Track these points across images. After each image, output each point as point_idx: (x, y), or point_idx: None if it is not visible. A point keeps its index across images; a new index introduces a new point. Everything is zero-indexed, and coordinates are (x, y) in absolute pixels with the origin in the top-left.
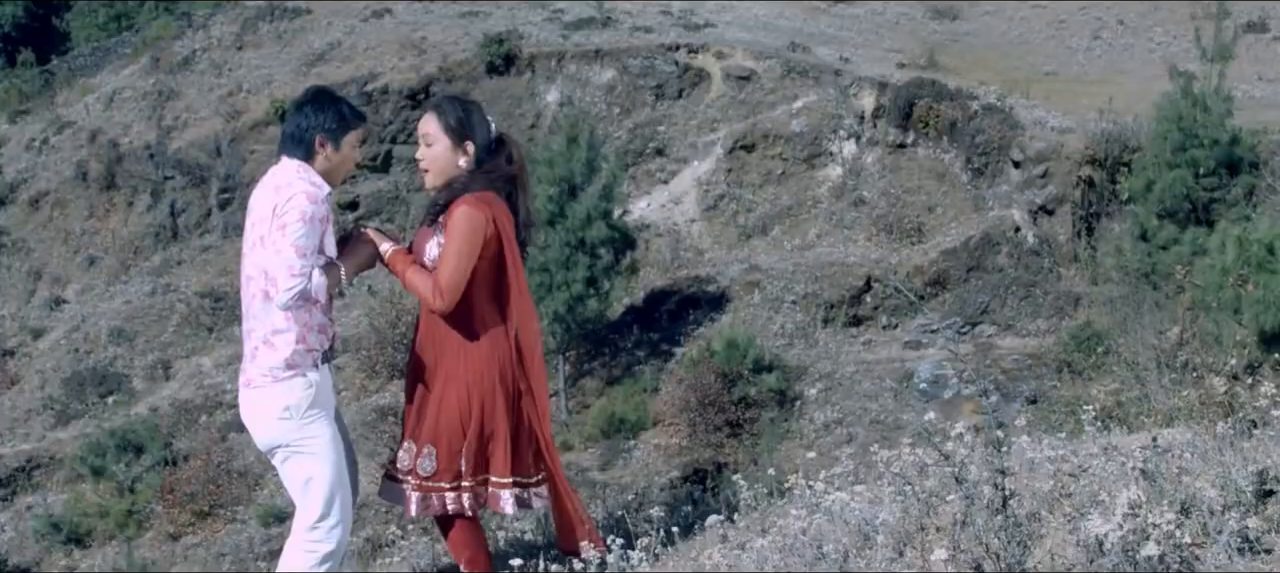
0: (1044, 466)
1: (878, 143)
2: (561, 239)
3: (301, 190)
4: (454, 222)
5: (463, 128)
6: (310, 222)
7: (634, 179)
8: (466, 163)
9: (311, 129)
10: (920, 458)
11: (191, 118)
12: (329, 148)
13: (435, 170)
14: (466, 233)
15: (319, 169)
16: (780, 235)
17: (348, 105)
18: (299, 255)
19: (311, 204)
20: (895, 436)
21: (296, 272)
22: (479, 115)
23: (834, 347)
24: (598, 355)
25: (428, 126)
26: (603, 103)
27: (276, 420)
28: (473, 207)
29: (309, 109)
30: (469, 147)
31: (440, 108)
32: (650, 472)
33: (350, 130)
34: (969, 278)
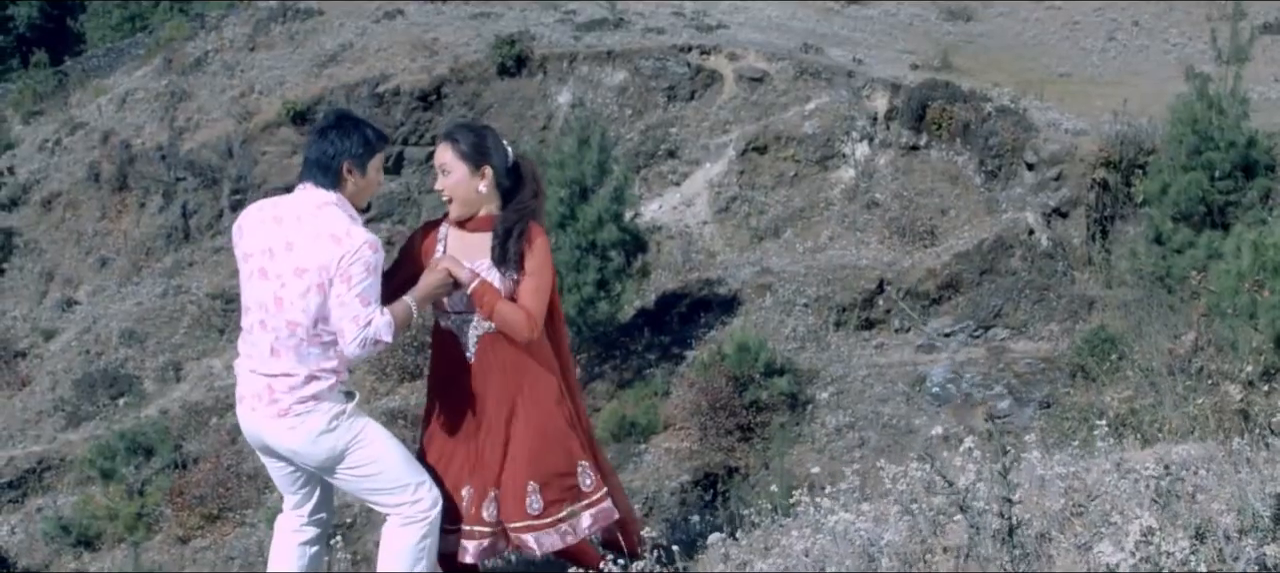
0: (1054, 484)
1: (891, 145)
2: (572, 242)
3: (364, 240)
4: (536, 251)
5: (477, 152)
6: (375, 271)
7: (646, 181)
8: (485, 187)
9: (339, 156)
10: (928, 473)
11: (203, 119)
12: (356, 174)
13: (458, 199)
14: (548, 259)
15: (346, 194)
16: (792, 238)
17: (372, 129)
18: (364, 305)
19: (375, 254)
20: (908, 440)
21: (362, 321)
22: (494, 139)
23: (846, 350)
24: (608, 358)
25: (443, 156)
26: (614, 104)
27: (329, 434)
28: (546, 235)
29: (334, 135)
30: (486, 171)
31: (453, 136)
32: (661, 476)
33: (375, 154)
34: (982, 281)
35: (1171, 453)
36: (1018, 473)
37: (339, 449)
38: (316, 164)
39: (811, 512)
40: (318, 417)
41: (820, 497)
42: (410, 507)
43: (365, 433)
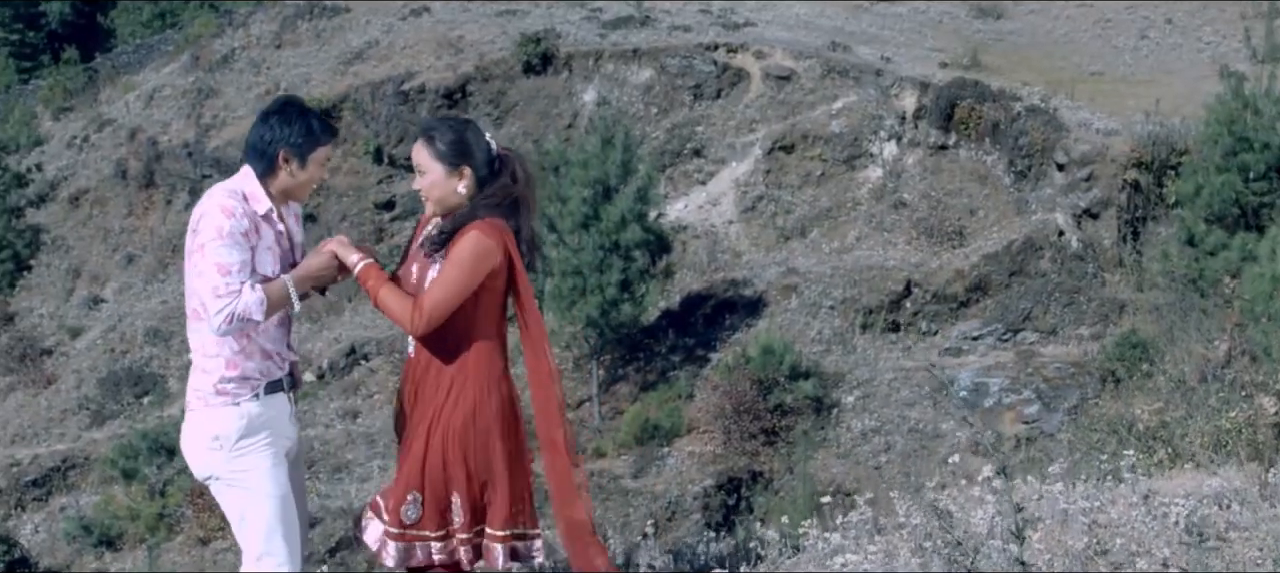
0: (1078, 518)
1: (919, 144)
2: (595, 242)
3: (217, 204)
4: (460, 245)
5: (456, 152)
6: (229, 237)
7: (671, 180)
8: (465, 188)
9: (276, 143)
10: (945, 502)
11: (229, 116)
12: (293, 164)
13: (434, 200)
14: (471, 259)
15: (280, 185)
16: (819, 238)
17: (318, 120)
18: (222, 274)
19: (228, 219)
20: (934, 445)
21: (222, 291)
22: (474, 134)
23: (872, 353)
24: (631, 360)
25: (418, 155)
26: (640, 103)
27: (206, 450)
28: (484, 232)
29: (275, 121)
30: (465, 171)
31: (430, 133)
32: (684, 480)
33: (318, 147)
34: (1011, 283)
35: (1203, 485)
36: (1038, 507)
37: (211, 474)
38: (252, 148)
39: (821, 545)
40: (200, 422)
41: (830, 531)
42: (254, 566)
43: (246, 479)
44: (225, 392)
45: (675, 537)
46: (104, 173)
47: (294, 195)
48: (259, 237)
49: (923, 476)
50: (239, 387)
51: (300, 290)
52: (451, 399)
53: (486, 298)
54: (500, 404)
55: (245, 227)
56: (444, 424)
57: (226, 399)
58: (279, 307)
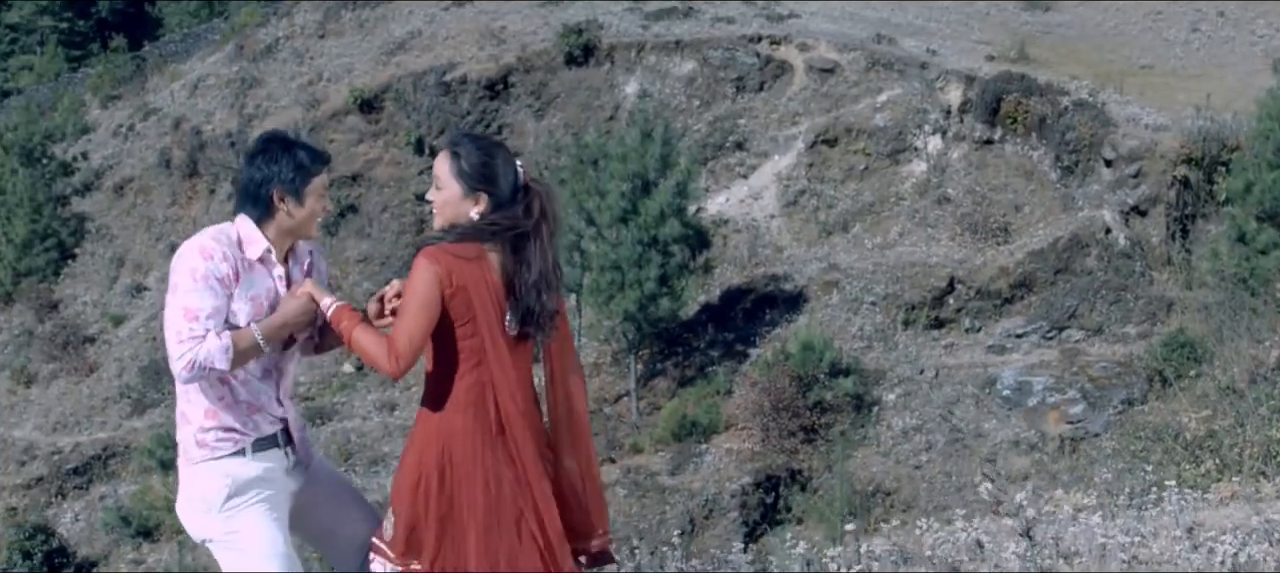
0: (1116, 554)
1: (964, 139)
2: (633, 236)
3: (195, 246)
4: (410, 276)
5: (479, 175)
6: (203, 280)
7: (712, 173)
8: (479, 214)
9: (267, 183)
10: (974, 532)
11: (272, 106)
12: (289, 202)
13: (443, 218)
14: (417, 287)
15: (282, 227)
16: (861, 233)
17: (306, 150)
18: (188, 318)
19: (205, 261)
20: (976, 445)
21: (185, 336)
22: (504, 160)
23: (914, 350)
24: (670, 355)
25: (440, 168)
26: (682, 95)
27: (196, 513)
28: (426, 257)
29: (261, 160)
30: (482, 197)
31: (457, 148)
32: (721, 477)
33: (311, 178)
34: (1056, 280)
35: (1251, 519)
36: (1075, 539)
37: (205, 537)
38: (244, 193)
39: None
40: (184, 479)
41: (855, 567)
42: None
43: (239, 540)
44: (205, 445)
45: (712, 535)
46: (148, 161)
47: (299, 233)
48: (239, 283)
49: (964, 476)
50: (220, 439)
51: (270, 338)
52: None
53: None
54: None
55: (223, 272)
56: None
57: (206, 453)
58: (247, 357)
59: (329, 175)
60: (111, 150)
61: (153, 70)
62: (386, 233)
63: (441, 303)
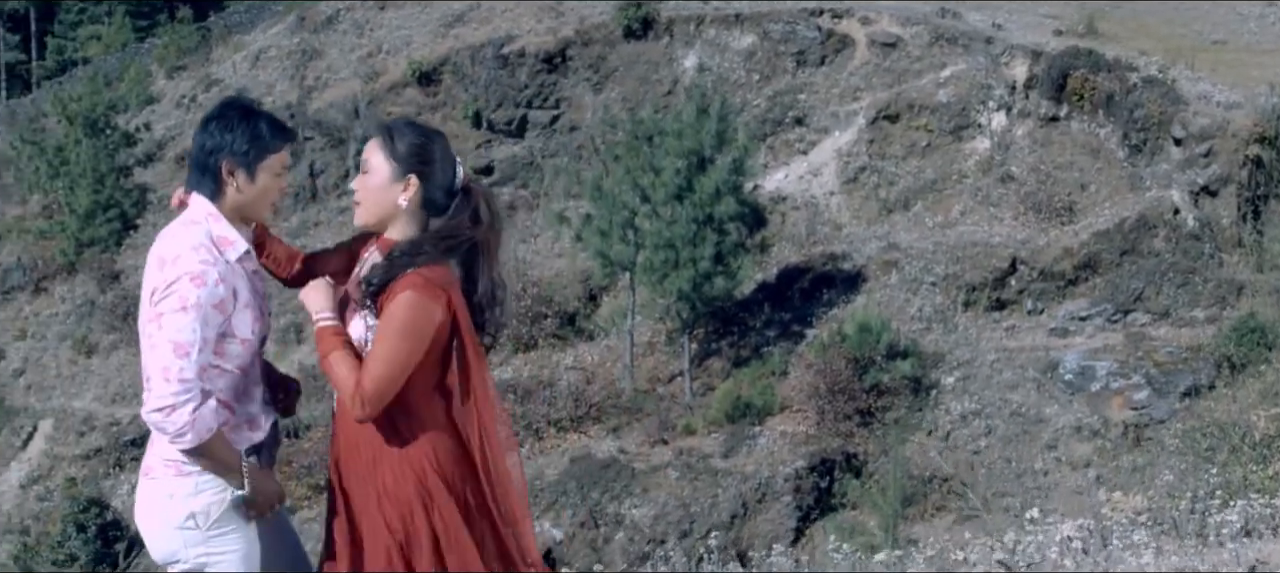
0: None
1: (1029, 115)
2: (688, 214)
3: (186, 272)
4: (393, 309)
5: (413, 157)
6: (196, 310)
7: (771, 149)
8: (407, 202)
9: (217, 153)
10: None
11: (332, 78)
12: (240, 176)
13: (367, 206)
14: (409, 327)
15: (229, 204)
16: (922, 211)
17: (267, 121)
18: (180, 355)
19: (197, 288)
20: (1037, 430)
21: (173, 376)
22: (441, 150)
23: (974, 333)
24: (725, 335)
25: (370, 152)
26: (741, 69)
27: (174, 529)
28: (423, 292)
29: (215, 127)
30: (412, 182)
31: (390, 132)
32: (775, 461)
33: (269, 153)
34: (1122, 262)
35: None
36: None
37: (178, 558)
38: (194, 163)
39: None
40: (164, 488)
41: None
42: None
43: (222, 561)
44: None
45: (765, 519)
46: None
47: (248, 214)
48: (237, 298)
49: (1024, 462)
50: (179, 441)
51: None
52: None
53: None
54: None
55: (221, 296)
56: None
57: (179, 467)
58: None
59: (290, 153)
60: (174, 121)
61: (217, 41)
62: None
63: (429, 343)
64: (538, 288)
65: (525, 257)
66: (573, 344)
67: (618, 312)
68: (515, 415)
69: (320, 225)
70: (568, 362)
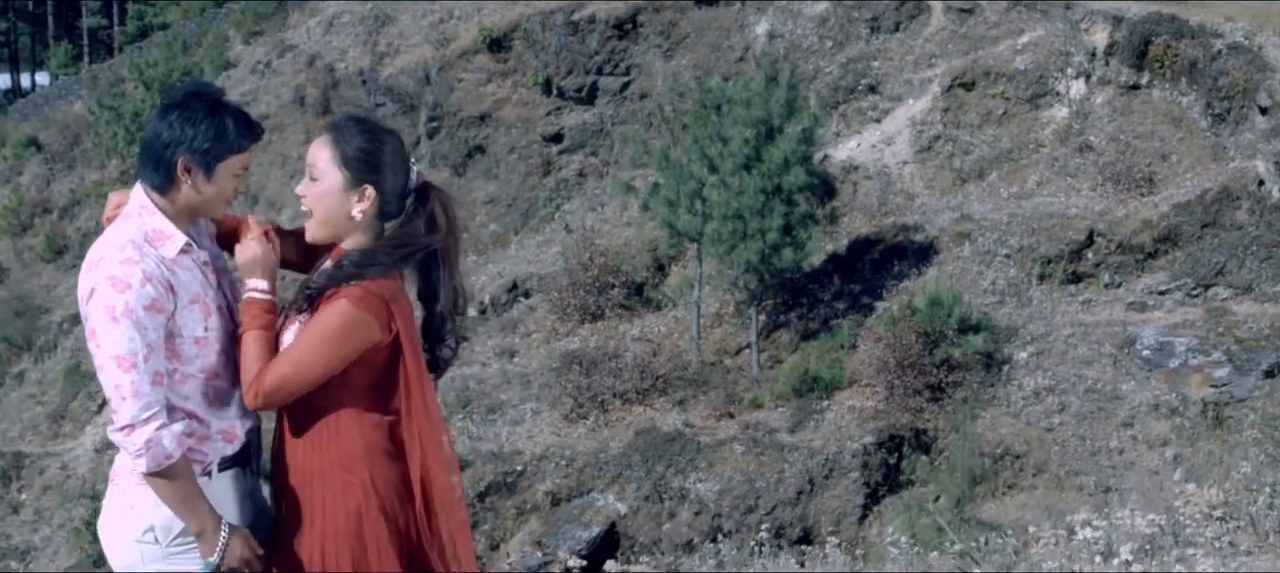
0: None
1: (1109, 83)
2: (756, 185)
3: (105, 276)
4: (322, 314)
5: (364, 164)
6: (125, 317)
7: (844, 117)
8: (361, 213)
9: (175, 146)
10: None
11: (403, 44)
12: (197, 175)
13: (319, 216)
14: (335, 334)
15: (183, 201)
16: (997, 181)
17: (234, 118)
18: (124, 368)
19: (120, 294)
20: (1112, 407)
21: (127, 392)
22: (393, 150)
23: (1049, 306)
24: (794, 307)
25: (316, 154)
26: (814, 36)
27: (133, 541)
28: (359, 304)
29: (175, 119)
30: (367, 191)
31: (339, 132)
32: (842, 436)
33: (232, 154)
34: (1203, 235)
35: None
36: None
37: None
38: (146, 151)
39: None
40: (125, 497)
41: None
42: None
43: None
44: None
45: (832, 496)
46: (283, 98)
47: (203, 213)
48: (177, 294)
49: (1099, 440)
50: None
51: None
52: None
53: (358, 375)
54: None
55: (150, 297)
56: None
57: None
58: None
59: (252, 154)
60: (249, 87)
61: (294, 6)
62: (513, 174)
63: (363, 353)
64: (605, 258)
65: (593, 225)
66: (640, 315)
67: (685, 282)
68: (580, 388)
69: None
70: (634, 333)
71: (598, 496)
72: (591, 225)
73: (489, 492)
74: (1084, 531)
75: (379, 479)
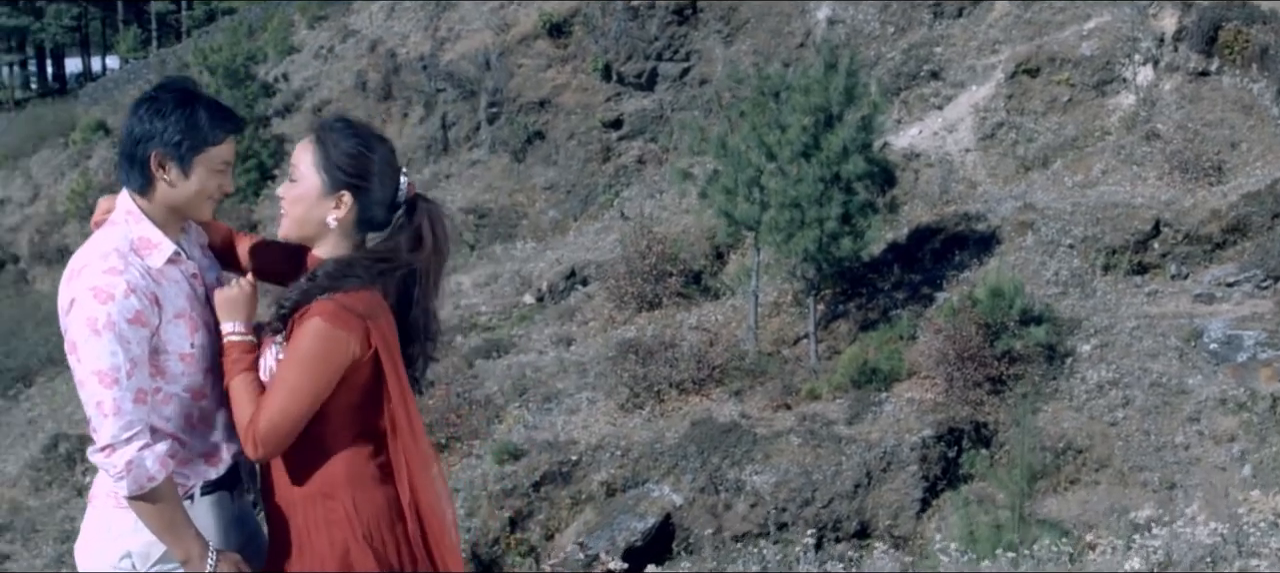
0: None
1: (1177, 69)
2: (815, 173)
3: (87, 286)
4: (299, 338)
5: (348, 169)
6: (110, 330)
7: (905, 104)
8: (337, 220)
9: (146, 142)
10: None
11: (464, 29)
12: (172, 170)
13: (292, 219)
14: (314, 357)
15: (162, 201)
16: (1061, 170)
17: (207, 109)
18: (106, 384)
19: (104, 304)
20: (1178, 402)
21: (108, 410)
22: (383, 158)
23: (1113, 298)
24: (853, 296)
25: (299, 156)
26: (876, 21)
27: (110, 567)
28: (334, 321)
29: (144, 112)
30: (345, 198)
31: (324, 134)
32: (901, 429)
33: (207, 146)
34: (1274, 225)
35: None
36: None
37: None
38: (122, 152)
39: None
40: (103, 521)
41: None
42: None
43: None
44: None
45: (889, 489)
46: (345, 83)
47: (186, 212)
48: (162, 307)
49: (1164, 435)
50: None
51: None
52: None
53: (342, 399)
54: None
55: (134, 309)
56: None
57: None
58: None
59: (236, 146)
60: (312, 72)
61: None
62: (573, 160)
63: (344, 374)
64: (663, 246)
65: (651, 212)
66: (697, 303)
67: (743, 271)
68: (637, 377)
69: (451, 178)
70: (691, 322)
71: (653, 486)
72: (650, 212)
73: (544, 481)
74: (1141, 538)
75: (363, 506)
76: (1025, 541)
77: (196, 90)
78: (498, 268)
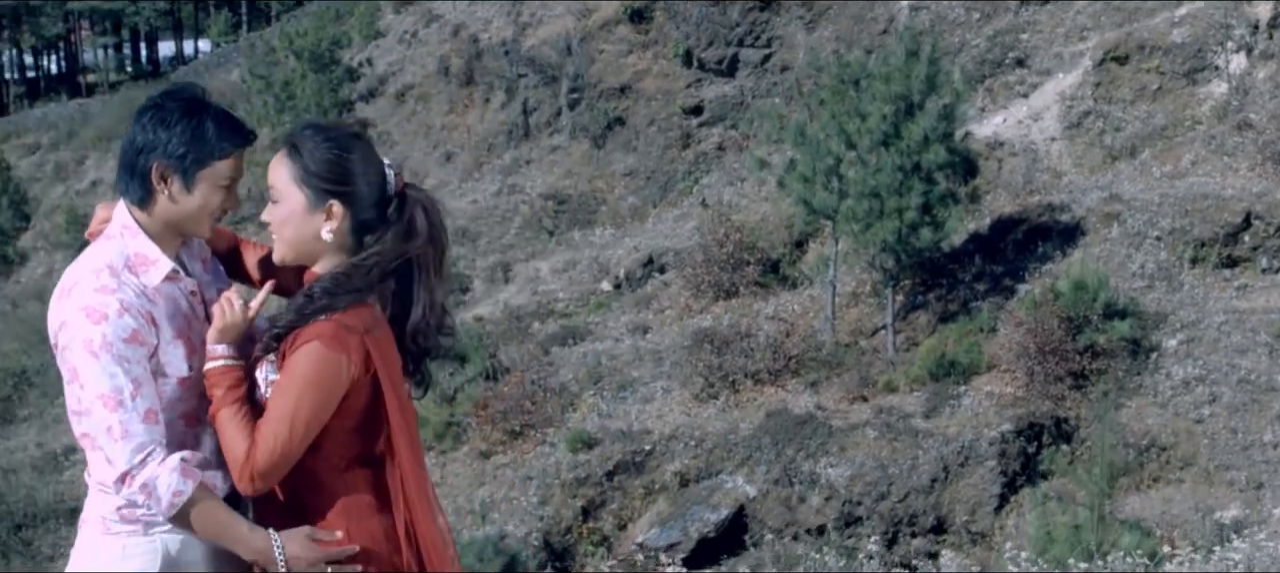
0: None
1: (1272, 57)
2: (894, 162)
3: (80, 306)
4: (294, 363)
5: (328, 176)
6: (106, 348)
7: (990, 92)
8: (333, 232)
9: (147, 152)
10: None
11: (546, 15)
12: (174, 184)
13: (284, 241)
14: (310, 384)
15: (162, 216)
16: (1149, 160)
17: (216, 120)
18: (111, 407)
19: (99, 324)
20: (1267, 400)
21: (117, 434)
22: (362, 155)
23: (1201, 292)
24: (932, 287)
25: (274, 174)
26: (960, 8)
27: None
28: (330, 343)
29: (148, 121)
30: (335, 208)
31: (296, 144)
32: (979, 423)
33: (213, 160)
34: None
35: None
36: None
37: None
38: (122, 161)
39: None
40: (92, 550)
41: None
42: None
43: None
44: (133, 520)
45: (967, 485)
46: (428, 69)
47: (188, 229)
48: (159, 328)
49: (1252, 434)
50: (153, 512)
51: None
52: None
53: (336, 425)
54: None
55: (130, 329)
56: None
57: (134, 530)
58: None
59: (241, 161)
60: (396, 57)
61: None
62: (653, 147)
63: (342, 399)
64: (741, 234)
65: (731, 200)
66: (774, 293)
67: (821, 261)
68: (712, 367)
69: (531, 163)
70: (768, 311)
71: (726, 478)
72: (729, 200)
73: (617, 471)
74: (1222, 549)
75: (358, 538)
76: (1105, 541)
77: (205, 99)
78: (576, 254)
